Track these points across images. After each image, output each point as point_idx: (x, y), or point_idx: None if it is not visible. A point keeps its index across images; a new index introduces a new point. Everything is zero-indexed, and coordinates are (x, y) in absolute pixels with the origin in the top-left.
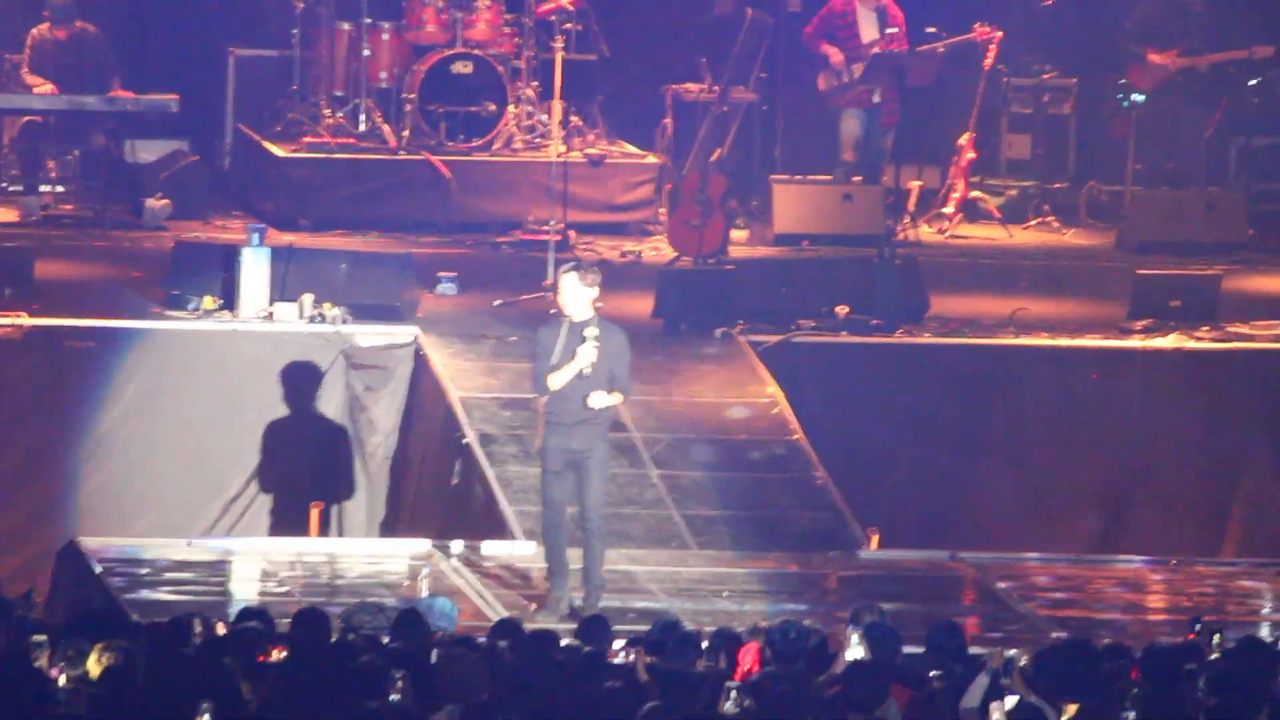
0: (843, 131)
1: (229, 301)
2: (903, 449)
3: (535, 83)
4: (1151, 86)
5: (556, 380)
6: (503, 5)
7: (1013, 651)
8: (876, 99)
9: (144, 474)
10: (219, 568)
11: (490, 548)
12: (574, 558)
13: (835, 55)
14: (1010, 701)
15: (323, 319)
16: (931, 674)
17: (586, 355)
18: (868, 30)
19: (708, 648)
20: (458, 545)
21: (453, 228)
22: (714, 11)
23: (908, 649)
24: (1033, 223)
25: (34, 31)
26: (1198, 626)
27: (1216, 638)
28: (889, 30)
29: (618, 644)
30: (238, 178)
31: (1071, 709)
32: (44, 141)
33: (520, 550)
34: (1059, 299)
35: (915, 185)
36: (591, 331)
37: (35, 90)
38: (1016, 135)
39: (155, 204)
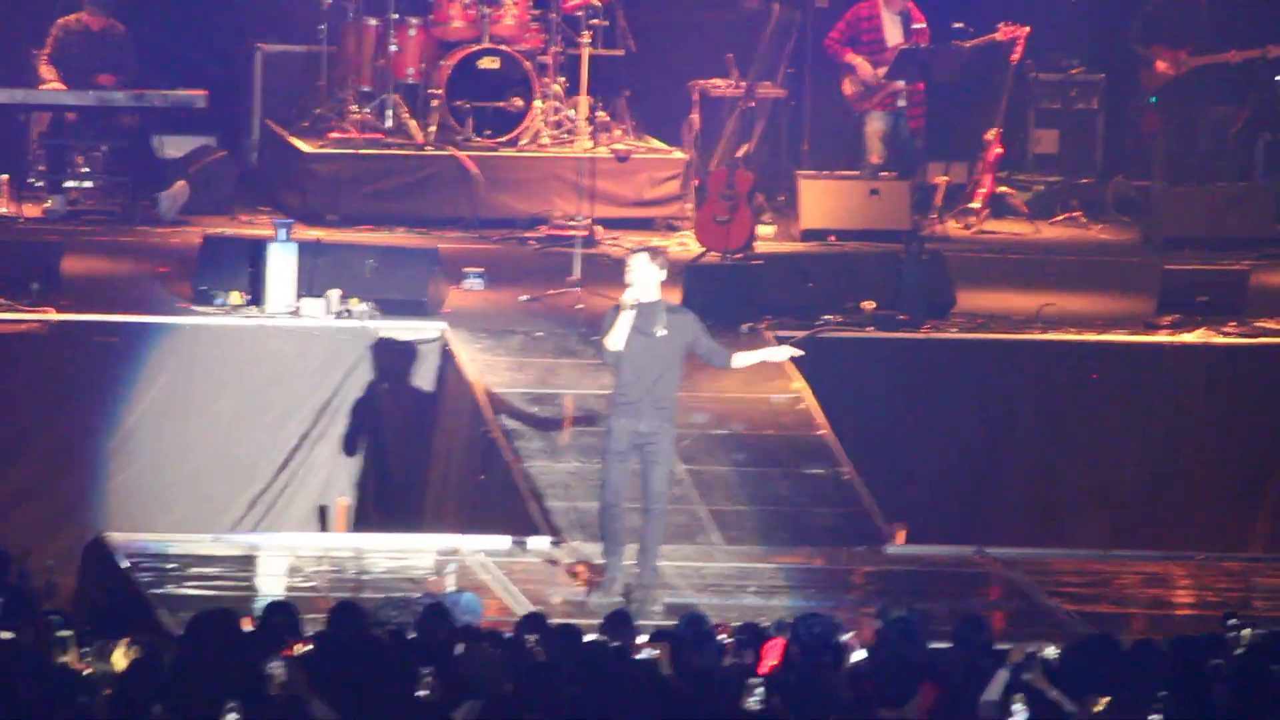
0: (867, 135)
1: (256, 297)
2: (929, 444)
3: (562, 78)
4: (1160, 87)
5: (613, 340)
6: (530, 1)
7: (1033, 646)
8: (902, 103)
9: (171, 469)
10: (246, 563)
11: (516, 543)
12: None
13: (863, 67)
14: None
15: (350, 314)
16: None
17: (629, 298)
18: (892, 34)
19: (733, 643)
20: (484, 540)
21: (479, 223)
22: (741, 7)
23: (934, 644)
24: (1060, 218)
25: (60, 21)
26: (1231, 622)
27: (1246, 633)
28: (915, 26)
29: (642, 639)
30: (265, 173)
31: (1102, 703)
32: (71, 137)
33: (546, 545)
34: (1086, 294)
35: (942, 180)
36: (634, 294)
37: (44, 86)
38: (1043, 130)
39: (169, 192)
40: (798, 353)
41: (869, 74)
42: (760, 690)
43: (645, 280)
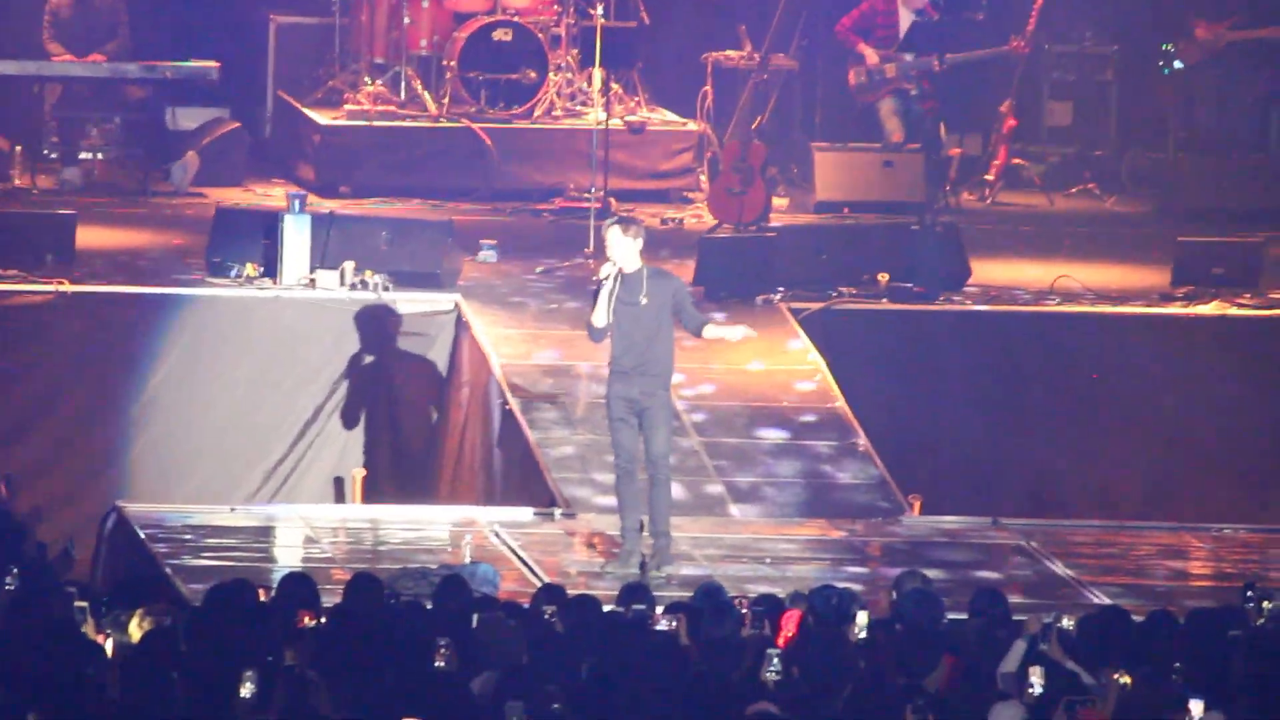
0: (883, 118)
1: (270, 269)
2: (944, 416)
3: (575, 50)
4: (1198, 59)
5: (596, 316)
6: None
7: (1050, 618)
8: (914, 91)
9: (187, 441)
10: (262, 534)
11: (532, 514)
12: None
13: (871, 56)
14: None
15: (364, 286)
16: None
17: (604, 270)
18: (907, 29)
19: (750, 614)
20: (501, 512)
21: (493, 195)
22: None
23: (951, 615)
24: (1074, 190)
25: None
26: (1250, 593)
27: (1266, 604)
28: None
29: (659, 610)
30: (278, 145)
31: (1125, 678)
32: (85, 109)
33: (562, 517)
34: (1101, 266)
35: (956, 152)
36: (608, 268)
37: (56, 58)
38: (1058, 102)
39: (180, 163)
40: (753, 334)
41: (875, 63)
42: (777, 661)
43: (622, 252)
